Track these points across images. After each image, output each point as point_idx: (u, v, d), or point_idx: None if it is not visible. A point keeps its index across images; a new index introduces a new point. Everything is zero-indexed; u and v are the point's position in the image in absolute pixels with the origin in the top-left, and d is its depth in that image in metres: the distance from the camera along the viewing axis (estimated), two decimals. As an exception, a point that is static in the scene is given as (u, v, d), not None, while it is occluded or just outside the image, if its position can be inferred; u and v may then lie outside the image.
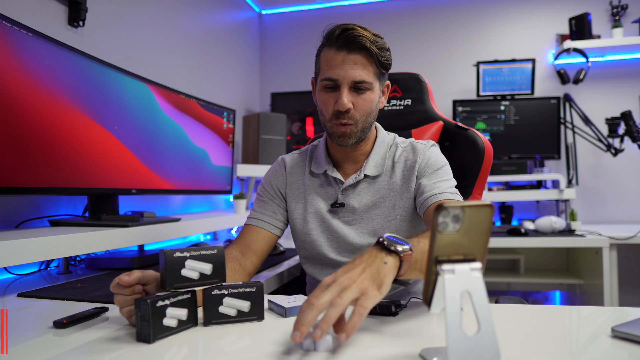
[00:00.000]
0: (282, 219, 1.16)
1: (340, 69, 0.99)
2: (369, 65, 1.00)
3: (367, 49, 0.98)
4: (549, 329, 0.72)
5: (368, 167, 1.09)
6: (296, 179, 1.17)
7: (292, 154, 1.21)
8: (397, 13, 3.07)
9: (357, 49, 0.98)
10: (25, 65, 1.11)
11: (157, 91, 1.61)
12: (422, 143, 1.11)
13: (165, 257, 0.72)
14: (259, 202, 1.18)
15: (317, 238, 1.12)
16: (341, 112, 1.01)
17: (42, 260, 1.24)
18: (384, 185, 1.10)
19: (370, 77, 1.01)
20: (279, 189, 1.17)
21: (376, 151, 1.11)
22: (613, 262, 2.16)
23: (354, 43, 0.98)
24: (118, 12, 1.82)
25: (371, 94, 1.02)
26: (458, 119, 2.75)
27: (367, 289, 0.61)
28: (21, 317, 0.86)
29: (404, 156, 1.11)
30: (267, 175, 1.20)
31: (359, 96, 1.01)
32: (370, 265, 0.64)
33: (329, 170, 1.11)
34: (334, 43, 1.00)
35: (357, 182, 1.10)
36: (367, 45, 0.98)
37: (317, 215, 1.12)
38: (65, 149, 1.23)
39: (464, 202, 0.53)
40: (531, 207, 2.85)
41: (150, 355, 0.63)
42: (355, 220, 1.10)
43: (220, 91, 2.68)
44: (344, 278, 0.62)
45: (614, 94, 2.76)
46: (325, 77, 1.01)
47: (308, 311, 0.59)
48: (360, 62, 0.99)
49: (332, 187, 1.12)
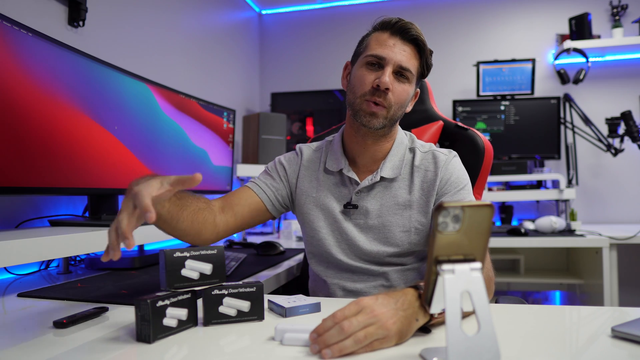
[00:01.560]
0: (281, 201, 1.13)
1: (390, 50, 0.99)
2: (416, 59, 1.02)
3: (418, 43, 1.01)
4: (549, 329, 0.72)
5: (385, 169, 1.06)
6: (310, 173, 1.13)
7: (309, 147, 1.18)
8: (397, 13, 3.03)
9: (410, 39, 1.00)
10: (25, 65, 1.11)
11: (157, 91, 1.61)
12: (443, 153, 1.07)
13: (165, 257, 0.72)
14: (266, 175, 1.14)
15: (326, 237, 1.08)
16: (378, 90, 0.98)
17: (42, 260, 1.24)
18: (401, 192, 1.06)
19: (414, 70, 1.02)
20: (289, 176, 1.14)
21: (394, 152, 1.07)
22: (613, 262, 2.16)
23: (408, 33, 1.00)
24: (118, 12, 1.82)
25: (409, 86, 1.02)
26: (458, 119, 2.75)
27: (389, 338, 0.62)
28: (21, 317, 0.86)
29: (424, 165, 1.07)
30: (282, 158, 1.17)
31: (399, 83, 1.00)
32: (406, 317, 0.65)
33: (345, 170, 1.07)
34: (390, 28, 1.01)
35: (373, 184, 1.06)
36: (421, 38, 1.01)
37: (329, 214, 1.09)
38: (65, 149, 1.23)
39: (464, 202, 0.53)
40: (531, 207, 2.85)
41: (150, 355, 0.63)
42: (367, 224, 1.06)
43: (220, 91, 2.68)
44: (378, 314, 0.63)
45: (614, 94, 2.75)
46: (373, 54, 1.00)
47: (336, 334, 0.60)
48: (410, 52, 1.01)
49: (347, 188, 1.09)
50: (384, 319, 0.62)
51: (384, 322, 0.62)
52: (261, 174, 1.16)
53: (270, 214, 1.13)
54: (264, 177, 1.14)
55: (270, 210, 1.11)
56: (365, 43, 1.05)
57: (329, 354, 0.59)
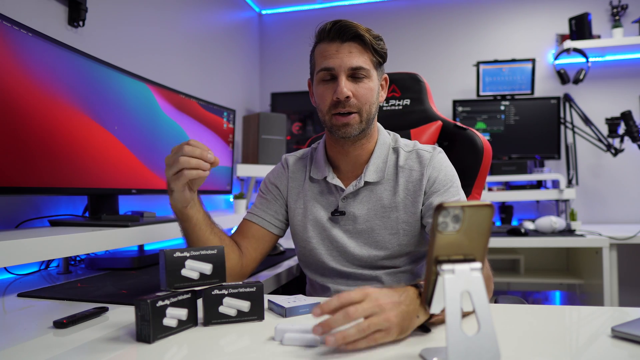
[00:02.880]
0: (282, 219, 1.14)
1: (336, 58, 0.97)
2: (365, 53, 0.99)
3: (360, 37, 0.97)
4: (549, 329, 0.72)
5: (368, 173, 1.05)
6: (297, 183, 1.14)
7: (294, 155, 1.18)
8: (397, 13, 3.07)
9: (351, 37, 0.97)
10: (25, 65, 1.11)
11: (157, 91, 1.61)
12: (427, 151, 1.06)
13: (165, 257, 0.72)
14: (262, 199, 1.15)
15: (317, 246, 1.09)
16: (340, 102, 0.97)
17: (42, 260, 1.24)
18: (386, 194, 1.05)
19: (367, 64, 0.99)
20: (282, 192, 1.15)
21: (377, 154, 1.07)
22: (613, 262, 2.16)
23: (346, 32, 0.97)
24: (118, 12, 1.82)
25: (370, 82, 1.00)
26: (458, 119, 2.75)
27: (391, 331, 0.63)
28: (21, 317, 0.86)
29: (408, 165, 1.06)
30: (270, 175, 1.18)
31: (358, 85, 0.98)
32: (407, 312, 0.66)
33: (329, 177, 1.07)
34: (327, 36, 0.99)
35: (358, 190, 1.06)
36: (361, 32, 0.97)
37: (317, 223, 1.09)
38: (65, 149, 1.23)
39: (464, 202, 0.53)
40: (531, 207, 2.85)
41: (150, 355, 0.63)
42: (356, 229, 1.06)
43: (220, 91, 2.68)
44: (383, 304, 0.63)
45: (614, 94, 2.75)
46: (322, 68, 0.99)
47: (341, 319, 0.61)
48: (356, 49, 0.98)
49: (333, 195, 1.08)
50: (388, 310, 0.63)
51: (387, 313, 0.63)
52: (257, 200, 1.17)
53: (278, 236, 1.15)
54: (259, 204, 1.15)
55: (277, 233, 1.14)
56: (313, 59, 1.04)
57: (332, 341, 0.60)
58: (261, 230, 1.11)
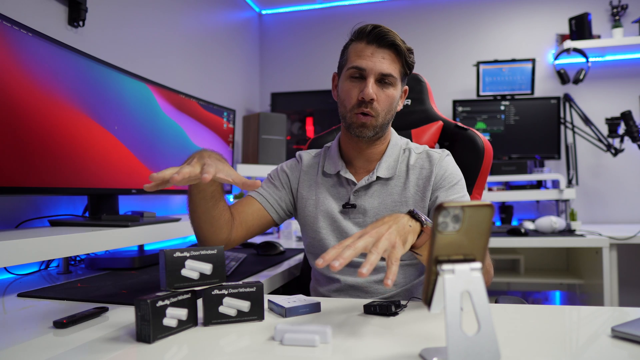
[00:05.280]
0: (284, 208, 1.17)
1: (369, 60, 1.01)
2: (396, 62, 1.04)
3: (396, 47, 1.02)
4: (549, 329, 0.72)
5: (381, 169, 1.09)
6: (310, 177, 1.17)
7: (308, 153, 1.22)
8: (397, 13, 3.07)
9: (387, 45, 1.02)
10: (25, 65, 1.11)
11: (157, 91, 1.61)
12: (437, 152, 1.11)
13: (165, 257, 0.72)
14: (269, 183, 1.18)
15: (326, 237, 1.11)
16: (364, 102, 1.02)
17: (42, 260, 1.24)
18: (397, 190, 1.09)
19: (396, 73, 1.04)
20: (291, 183, 1.18)
21: (389, 153, 1.11)
22: (613, 262, 2.16)
23: (384, 39, 1.01)
24: (118, 12, 1.82)
25: (394, 90, 1.04)
26: (458, 119, 2.75)
27: (395, 242, 0.70)
28: (21, 317, 0.86)
29: (419, 164, 1.10)
30: (285, 165, 1.22)
31: (383, 90, 1.03)
32: (396, 222, 0.73)
33: (342, 171, 1.11)
34: (365, 37, 1.03)
35: (370, 184, 1.10)
36: (397, 42, 1.02)
37: (328, 215, 1.12)
38: (65, 149, 1.23)
39: (464, 202, 0.53)
40: (531, 207, 2.85)
41: (150, 355, 0.63)
42: (366, 222, 1.09)
43: (220, 91, 2.68)
44: (375, 232, 0.70)
45: (614, 94, 2.75)
46: (353, 66, 1.02)
47: (347, 250, 0.66)
48: (389, 57, 1.02)
49: (344, 188, 1.12)
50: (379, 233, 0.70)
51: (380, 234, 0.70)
52: (264, 182, 1.19)
53: (274, 222, 1.17)
54: (267, 186, 1.18)
55: (274, 218, 1.16)
56: (346, 54, 1.08)
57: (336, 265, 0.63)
58: (261, 211, 1.13)
